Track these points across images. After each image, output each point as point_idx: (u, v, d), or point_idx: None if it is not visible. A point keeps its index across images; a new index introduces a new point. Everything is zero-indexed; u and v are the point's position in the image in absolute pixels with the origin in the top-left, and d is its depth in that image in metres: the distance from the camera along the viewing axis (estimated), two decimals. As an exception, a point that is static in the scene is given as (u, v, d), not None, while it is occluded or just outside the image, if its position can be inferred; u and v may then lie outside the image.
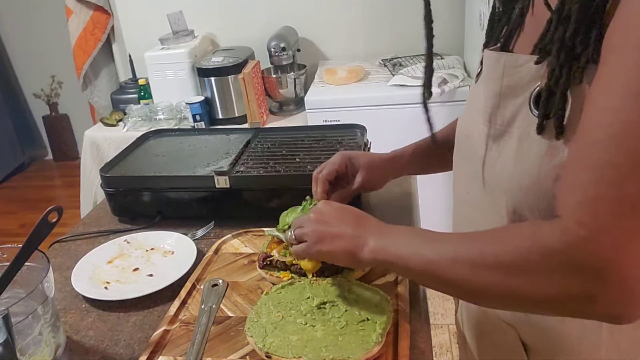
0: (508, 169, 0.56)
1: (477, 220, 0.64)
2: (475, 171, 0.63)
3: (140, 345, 0.75)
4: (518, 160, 0.54)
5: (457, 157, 0.71)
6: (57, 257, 0.99)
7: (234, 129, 1.39)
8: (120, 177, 1.09)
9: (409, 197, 1.10)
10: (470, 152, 0.65)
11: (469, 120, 0.66)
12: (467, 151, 0.66)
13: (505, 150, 0.56)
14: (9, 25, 3.87)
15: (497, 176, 0.58)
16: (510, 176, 0.56)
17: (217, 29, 2.61)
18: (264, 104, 2.28)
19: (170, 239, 0.99)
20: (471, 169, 0.64)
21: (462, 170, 0.69)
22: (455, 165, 0.72)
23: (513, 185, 0.55)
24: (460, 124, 0.70)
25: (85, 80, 2.81)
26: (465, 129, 0.68)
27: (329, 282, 0.77)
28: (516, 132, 0.55)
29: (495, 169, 0.58)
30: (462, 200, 0.70)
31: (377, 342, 0.65)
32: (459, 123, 0.71)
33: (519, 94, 0.55)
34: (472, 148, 0.64)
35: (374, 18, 2.49)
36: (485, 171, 0.61)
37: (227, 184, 1.02)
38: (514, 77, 0.55)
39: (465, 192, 0.68)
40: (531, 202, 0.54)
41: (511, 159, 0.55)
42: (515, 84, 0.55)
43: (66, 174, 3.92)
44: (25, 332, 0.65)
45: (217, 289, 0.82)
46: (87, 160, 2.37)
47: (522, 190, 0.54)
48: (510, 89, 0.56)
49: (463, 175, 0.69)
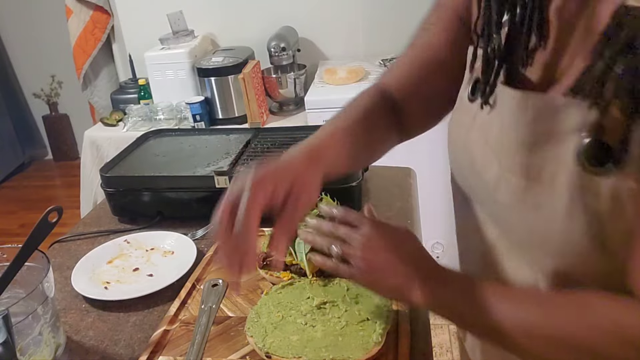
0: (556, 232, 0.48)
1: (501, 262, 0.60)
2: (498, 214, 0.58)
3: (140, 345, 0.75)
4: (570, 221, 0.47)
5: (460, 178, 0.65)
6: (57, 257, 0.99)
7: (234, 129, 1.39)
8: (120, 177, 1.09)
9: (409, 197, 1.10)
10: (480, 187, 0.59)
11: (471, 147, 0.59)
12: (476, 183, 0.60)
13: (553, 209, 0.48)
14: (9, 25, 3.87)
15: (541, 236, 0.51)
16: (560, 239, 0.49)
17: (217, 29, 2.61)
18: (264, 104, 2.28)
19: (170, 239, 0.99)
20: (488, 207, 0.59)
21: (472, 195, 0.63)
22: (459, 180, 0.66)
23: (563, 248, 0.49)
24: (457, 143, 0.62)
25: (85, 80, 2.80)
26: (466, 155, 0.60)
27: (329, 282, 0.77)
28: (564, 190, 0.46)
29: (536, 228, 0.51)
30: (476, 238, 0.64)
31: (377, 342, 0.65)
32: (454, 141, 0.63)
33: (559, 144, 0.46)
34: (483, 184, 0.57)
35: (374, 18, 2.49)
36: (516, 223, 0.54)
37: (227, 184, 1.02)
38: (550, 123, 0.47)
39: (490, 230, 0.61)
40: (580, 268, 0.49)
41: (560, 219, 0.47)
42: (552, 131, 0.47)
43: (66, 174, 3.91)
44: (25, 332, 0.65)
45: (217, 289, 0.82)
46: (87, 160, 2.37)
47: (572, 255, 0.49)
48: (547, 136, 0.47)
49: (473, 212, 0.63)
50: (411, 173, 1.21)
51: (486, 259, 0.62)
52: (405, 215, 1.04)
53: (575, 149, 0.44)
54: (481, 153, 0.57)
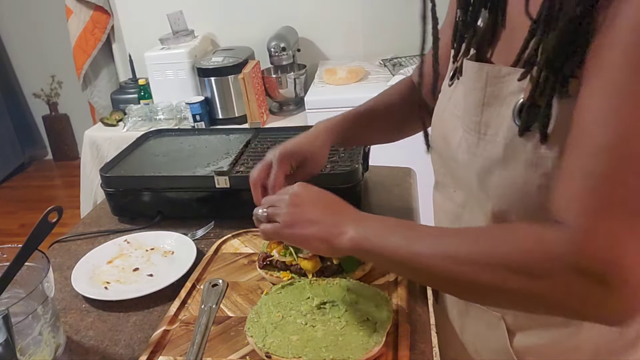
0: (495, 175, 0.58)
1: (462, 216, 0.68)
2: (457, 173, 0.66)
3: (140, 345, 0.75)
4: (505, 168, 0.56)
5: (435, 157, 0.73)
6: (57, 257, 0.99)
7: (234, 129, 1.39)
8: (120, 177, 1.09)
9: (409, 197, 1.11)
10: (448, 154, 0.67)
11: (445, 123, 0.68)
12: (446, 153, 0.68)
13: (491, 158, 0.58)
14: (9, 25, 3.86)
15: (483, 181, 0.60)
16: (497, 183, 0.58)
17: (217, 29, 2.61)
18: (264, 104, 2.28)
19: (170, 239, 0.99)
20: (452, 170, 0.67)
21: (442, 169, 0.72)
22: (435, 163, 0.74)
23: (500, 191, 0.58)
24: (435, 124, 0.71)
25: (85, 80, 2.81)
26: (440, 130, 0.69)
27: (329, 282, 0.77)
28: (502, 142, 0.56)
29: (480, 174, 0.60)
30: (444, 195, 0.72)
31: (377, 342, 0.65)
32: (434, 123, 0.72)
33: (502, 104, 0.56)
34: (450, 151, 0.66)
35: (374, 18, 2.49)
36: (469, 176, 0.62)
37: (227, 184, 1.02)
38: (497, 87, 0.57)
39: (452, 190, 0.70)
40: (517, 207, 0.57)
41: (498, 166, 0.57)
42: (498, 94, 0.57)
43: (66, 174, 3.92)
44: (25, 332, 0.65)
45: (217, 289, 0.82)
46: (87, 160, 2.37)
47: (508, 196, 0.57)
48: (494, 99, 0.57)
49: (443, 173, 0.72)
50: (411, 173, 1.21)
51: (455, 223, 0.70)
52: (405, 215, 1.04)
53: (513, 109, 0.55)
54: (451, 124, 0.66)
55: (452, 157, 0.66)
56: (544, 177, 0.53)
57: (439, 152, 0.71)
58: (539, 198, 0.53)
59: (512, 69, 0.55)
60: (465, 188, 0.66)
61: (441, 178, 0.74)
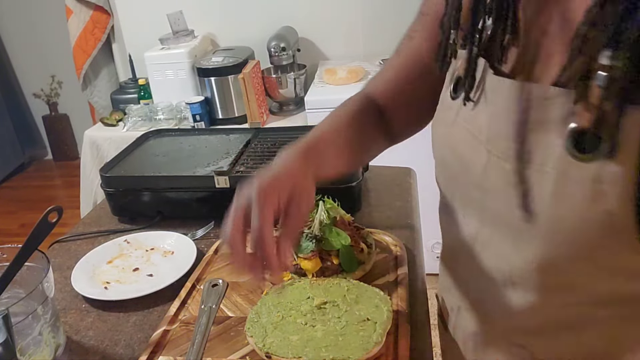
0: (544, 212, 0.50)
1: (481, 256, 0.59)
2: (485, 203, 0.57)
3: (140, 345, 0.75)
4: (558, 203, 0.48)
5: (446, 178, 0.65)
6: (57, 257, 0.99)
7: (234, 129, 1.39)
8: (120, 177, 1.09)
9: (409, 197, 1.11)
10: (469, 179, 0.58)
11: (455, 141, 0.60)
12: (465, 178, 0.59)
13: (538, 192, 0.50)
14: (9, 25, 3.87)
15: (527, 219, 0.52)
16: (545, 220, 0.50)
17: (217, 29, 2.61)
18: (264, 104, 2.28)
19: (170, 239, 0.99)
20: (473, 199, 0.59)
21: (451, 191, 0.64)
22: (445, 189, 0.66)
23: (549, 228, 0.50)
24: (441, 139, 0.63)
25: (85, 80, 2.81)
26: (450, 148, 0.61)
27: (329, 282, 0.77)
28: (552, 173, 0.48)
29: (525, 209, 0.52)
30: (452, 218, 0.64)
31: (377, 342, 0.65)
32: (439, 137, 0.64)
33: (549, 130, 0.48)
34: (471, 176, 0.58)
35: (374, 18, 2.49)
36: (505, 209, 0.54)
37: (227, 184, 1.02)
38: (540, 110, 0.49)
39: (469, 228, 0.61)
40: (571, 252, 0.49)
41: (548, 201, 0.49)
42: (544, 118, 0.48)
43: (66, 174, 3.92)
44: (25, 332, 0.65)
45: (217, 289, 0.82)
46: (87, 160, 2.37)
47: (561, 236, 0.49)
48: (539, 124, 0.49)
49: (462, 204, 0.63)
50: (411, 173, 1.21)
51: (467, 254, 0.62)
52: (405, 215, 1.04)
53: (563, 136, 0.47)
54: (467, 145, 0.58)
55: (473, 183, 0.57)
56: (605, 216, 0.45)
57: (447, 172, 0.63)
58: (598, 241, 0.46)
59: (561, 91, 0.46)
60: (496, 220, 0.57)
61: (448, 201, 0.65)
